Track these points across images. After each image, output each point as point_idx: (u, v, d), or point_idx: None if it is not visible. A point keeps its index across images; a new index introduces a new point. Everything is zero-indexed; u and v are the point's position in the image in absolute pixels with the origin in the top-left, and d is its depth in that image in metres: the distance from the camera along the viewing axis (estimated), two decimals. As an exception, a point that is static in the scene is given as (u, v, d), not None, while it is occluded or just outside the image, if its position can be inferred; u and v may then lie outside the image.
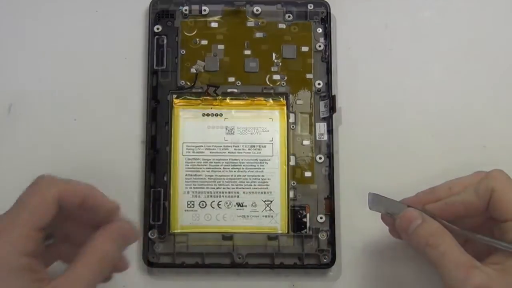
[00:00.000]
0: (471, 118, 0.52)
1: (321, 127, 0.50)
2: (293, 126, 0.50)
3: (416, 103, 0.52)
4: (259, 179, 0.49)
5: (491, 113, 0.52)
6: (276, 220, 0.48)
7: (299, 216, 0.48)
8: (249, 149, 0.49)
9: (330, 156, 0.49)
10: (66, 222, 0.40)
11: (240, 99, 0.50)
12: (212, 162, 0.49)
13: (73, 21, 0.53)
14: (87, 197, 0.38)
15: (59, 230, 0.40)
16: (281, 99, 0.50)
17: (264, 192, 0.49)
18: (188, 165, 0.49)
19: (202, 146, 0.49)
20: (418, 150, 0.51)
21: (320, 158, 0.49)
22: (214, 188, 0.49)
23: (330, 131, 0.50)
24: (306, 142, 0.50)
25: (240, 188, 0.48)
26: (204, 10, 0.52)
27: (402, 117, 0.51)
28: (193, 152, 0.49)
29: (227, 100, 0.50)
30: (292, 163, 0.49)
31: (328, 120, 0.50)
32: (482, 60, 0.53)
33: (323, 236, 0.48)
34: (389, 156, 0.50)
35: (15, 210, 0.37)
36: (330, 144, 0.49)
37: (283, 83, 0.51)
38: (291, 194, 0.49)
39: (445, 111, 0.52)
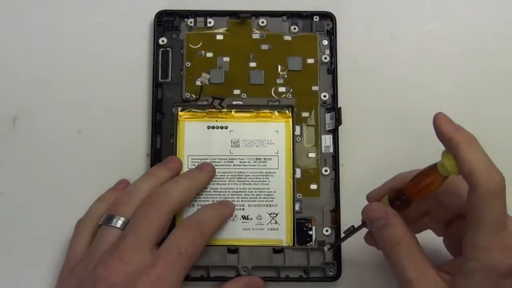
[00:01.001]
0: (477, 130, 0.51)
1: (327, 140, 0.50)
2: (298, 139, 0.50)
3: (422, 115, 0.51)
4: (264, 192, 0.48)
5: (498, 125, 0.52)
6: (281, 233, 0.48)
7: (305, 228, 0.48)
8: (254, 162, 0.49)
9: (336, 169, 0.49)
10: None
11: (245, 112, 0.50)
12: (217, 175, 0.49)
13: (78, 33, 0.53)
14: None
15: None
16: (287, 111, 0.50)
17: (270, 205, 0.48)
18: (193, 178, 0.49)
19: (207, 159, 0.49)
20: (424, 163, 0.50)
21: (326, 171, 0.49)
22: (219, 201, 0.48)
23: (336, 143, 0.49)
24: (311, 155, 0.49)
25: (245, 201, 0.48)
26: (209, 22, 0.52)
27: (408, 130, 0.51)
28: (198, 165, 0.49)
29: (232, 113, 0.50)
30: (297, 175, 0.49)
31: (334, 133, 0.50)
32: (488, 72, 0.52)
33: (328, 249, 0.47)
34: (396, 169, 0.50)
35: (176, 256, 0.41)
36: (336, 157, 0.49)
37: (289, 96, 0.51)
38: (297, 207, 0.48)
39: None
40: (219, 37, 0.52)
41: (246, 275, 0.46)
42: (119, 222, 0.42)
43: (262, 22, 0.52)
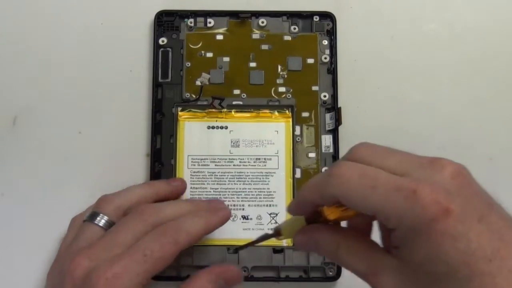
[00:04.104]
0: (477, 130, 0.52)
1: (327, 140, 0.50)
2: (298, 139, 0.50)
3: (422, 115, 0.51)
4: (264, 192, 0.49)
5: (497, 125, 0.52)
6: (281, 233, 0.48)
7: (305, 229, 0.48)
8: (254, 162, 0.49)
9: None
10: None
11: (245, 112, 0.50)
12: (217, 175, 0.49)
13: (78, 33, 0.53)
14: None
15: None
16: (287, 111, 0.50)
17: (270, 205, 0.48)
18: (193, 178, 0.49)
19: (207, 159, 0.49)
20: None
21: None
22: (219, 201, 0.48)
23: (336, 143, 0.49)
24: (311, 155, 0.49)
25: (245, 201, 0.48)
26: (209, 23, 0.52)
27: (408, 129, 0.51)
28: (198, 165, 0.49)
29: (232, 113, 0.50)
30: (297, 175, 0.49)
31: (334, 133, 0.50)
32: (487, 72, 0.53)
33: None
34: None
35: (139, 256, 0.39)
36: (336, 157, 0.49)
37: (289, 96, 0.51)
38: (297, 207, 0.48)
39: (451, 123, 0.51)
40: (219, 37, 0.52)
41: (224, 264, 0.45)
42: (102, 221, 0.42)
43: (262, 22, 0.52)
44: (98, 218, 0.42)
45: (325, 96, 0.50)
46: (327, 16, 0.52)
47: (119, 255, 0.39)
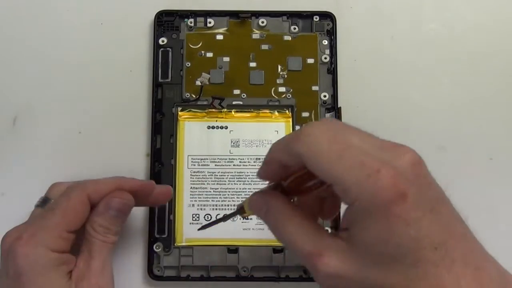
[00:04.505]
0: (477, 130, 0.51)
1: (327, 140, 0.50)
2: (298, 139, 0.50)
3: (422, 115, 0.51)
4: (264, 192, 0.48)
5: (498, 125, 0.52)
6: (281, 233, 0.48)
7: (305, 229, 0.48)
8: (254, 162, 0.49)
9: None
10: None
11: (245, 112, 0.50)
12: (217, 175, 0.49)
13: (78, 34, 0.53)
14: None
15: None
16: (287, 111, 0.50)
17: (270, 205, 0.48)
18: (193, 178, 0.49)
19: (207, 159, 0.49)
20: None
21: (326, 171, 0.49)
22: (219, 201, 0.48)
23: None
24: (311, 155, 0.49)
25: (245, 201, 0.48)
26: (209, 23, 0.52)
27: (408, 129, 0.51)
28: (198, 165, 0.49)
29: (232, 113, 0.50)
30: (297, 175, 0.49)
31: (334, 133, 0.50)
32: (487, 72, 0.52)
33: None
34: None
35: (49, 214, 0.40)
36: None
37: (289, 96, 0.51)
38: (297, 207, 0.48)
39: (451, 123, 0.51)
40: (219, 37, 0.52)
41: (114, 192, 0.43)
42: (45, 204, 0.43)
43: (262, 22, 0.52)
44: (40, 201, 0.44)
45: (325, 96, 0.50)
46: (327, 16, 0.52)
47: (35, 219, 0.41)
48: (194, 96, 0.50)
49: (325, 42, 0.52)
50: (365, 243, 0.30)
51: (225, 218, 0.39)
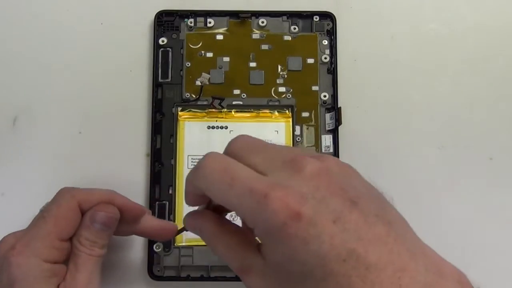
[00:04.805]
0: (477, 130, 0.51)
1: (327, 140, 0.50)
2: (298, 139, 0.50)
3: (422, 115, 0.51)
4: (264, 192, 0.48)
5: (498, 125, 0.52)
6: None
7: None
8: (254, 162, 0.49)
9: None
10: None
11: (245, 112, 0.50)
12: (217, 175, 0.49)
13: (78, 34, 0.53)
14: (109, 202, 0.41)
15: None
16: (287, 111, 0.50)
17: (270, 205, 0.48)
18: (193, 178, 0.49)
19: (207, 159, 0.49)
20: (424, 162, 0.50)
21: (326, 171, 0.49)
22: (219, 201, 0.48)
23: (336, 143, 0.49)
24: (311, 155, 0.49)
25: (245, 201, 0.48)
26: (209, 23, 0.52)
27: (408, 129, 0.51)
28: (198, 165, 0.49)
29: (232, 113, 0.50)
30: (297, 175, 0.49)
31: (334, 133, 0.50)
32: (487, 72, 0.52)
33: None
34: (395, 168, 0.50)
35: (41, 222, 0.40)
36: (336, 157, 0.49)
37: (289, 96, 0.51)
38: (297, 207, 0.48)
39: (451, 123, 0.51)
40: (219, 37, 0.52)
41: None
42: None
43: (262, 22, 0.52)
44: (45, 207, 0.43)
45: (325, 96, 0.50)
46: (327, 16, 0.52)
47: (29, 227, 0.40)
48: (194, 96, 0.50)
49: (325, 42, 0.52)
50: (275, 263, 0.31)
51: (179, 232, 0.41)
